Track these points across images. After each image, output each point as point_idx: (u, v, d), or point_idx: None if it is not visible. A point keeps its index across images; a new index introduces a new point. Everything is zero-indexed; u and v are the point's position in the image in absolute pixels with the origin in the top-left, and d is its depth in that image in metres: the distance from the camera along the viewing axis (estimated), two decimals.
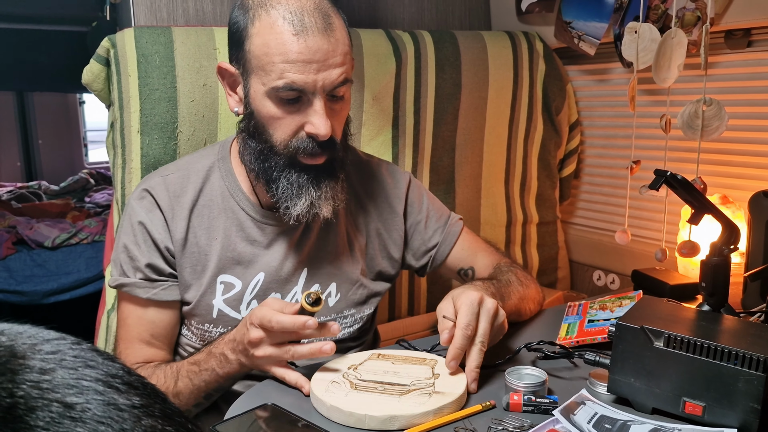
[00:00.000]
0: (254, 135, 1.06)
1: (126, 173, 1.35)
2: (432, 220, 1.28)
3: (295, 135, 1.02)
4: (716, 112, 1.17)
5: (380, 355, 1.03)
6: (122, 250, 1.13)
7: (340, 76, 1.00)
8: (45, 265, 2.79)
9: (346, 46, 1.02)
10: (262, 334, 0.95)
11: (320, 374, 0.96)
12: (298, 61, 0.97)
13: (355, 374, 0.95)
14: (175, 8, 1.54)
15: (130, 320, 1.13)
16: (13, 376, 0.35)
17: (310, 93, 0.99)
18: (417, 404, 0.87)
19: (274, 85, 0.99)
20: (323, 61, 0.98)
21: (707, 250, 1.21)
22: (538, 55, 1.79)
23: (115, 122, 1.37)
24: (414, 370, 0.96)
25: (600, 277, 1.86)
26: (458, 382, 0.93)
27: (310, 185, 1.04)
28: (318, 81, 0.98)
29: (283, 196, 1.05)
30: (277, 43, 0.98)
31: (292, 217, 1.05)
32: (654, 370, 0.85)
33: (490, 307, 0.96)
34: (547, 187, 1.85)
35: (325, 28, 0.98)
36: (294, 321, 0.92)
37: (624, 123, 1.77)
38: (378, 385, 0.92)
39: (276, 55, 0.98)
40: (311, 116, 1.00)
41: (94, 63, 1.36)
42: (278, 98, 1.00)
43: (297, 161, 1.04)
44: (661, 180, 0.94)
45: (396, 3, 1.84)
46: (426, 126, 1.64)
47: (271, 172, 1.05)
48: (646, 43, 1.26)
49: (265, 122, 1.03)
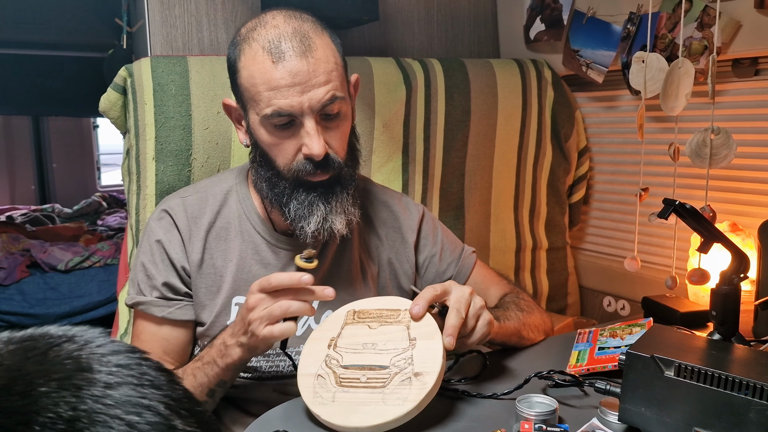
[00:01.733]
0: (262, 163, 1.09)
1: (141, 199, 1.37)
2: (446, 253, 1.29)
3: (295, 158, 1.05)
4: (724, 141, 1.18)
5: (355, 312, 1.00)
6: (140, 268, 1.15)
7: (326, 94, 1.01)
8: (58, 288, 2.82)
9: (330, 64, 1.03)
10: (260, 296, 0.95)
11: (305, 362, 0.95)
12: (281, 87, 1.00)
13: (337, 357, 0.94)
14: (190, 38, 1.58)
15: (144, 336, 1.15)
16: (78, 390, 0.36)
17: (299, 115, 1.02)
18: (400, 401, 0.87)
19: (264, 113, 1.02)
20: (305, 83, 1.00)
21: (717, 278, 1.21)
22: (547, 82, 1.81)
23: (131, 149, 1.39)
24: (390, 336, 0.95)
25: (610, 303, 1.86)
26: (434, 352, 0.91)
27: (319, 201, 1.06)
28: (304, 102, 1.00)
29: (296, 217, 1.07)
30: (260, 73, 1.01)
31: (308, 235, 1.06)
32: (665, 400, 0.85)
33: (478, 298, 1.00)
34: (557, 213, 1.86)
35: (303, 51, 1.01)
36: (290, 275, 0.94)
37: (632, 150, 1.78)
38: (360, 374, 0.92)
39: (261, 84, 1.01)
40: (304, 138, 1.02)
41: (111, 91, 1.39)
42: (271, 125, 1.03)
43: (303, 181, 1.06)
44: (670, 209, 0.94)
45: (406, 32, 1.87)
46: (436, 153, 1.66)
47: (282, 197, 1.08)
48: (653, 72, 1.28)
49: (267, 150, 1.07)
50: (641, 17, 1.57)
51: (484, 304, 1.01)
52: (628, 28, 1.60)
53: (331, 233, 1.08)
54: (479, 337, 0.99)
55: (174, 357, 1.15)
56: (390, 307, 0.99)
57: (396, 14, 1.84)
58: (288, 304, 0.94)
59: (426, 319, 0.96)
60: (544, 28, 1.82)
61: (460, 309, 0.96)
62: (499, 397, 1.00)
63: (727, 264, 1.16)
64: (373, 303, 1.01)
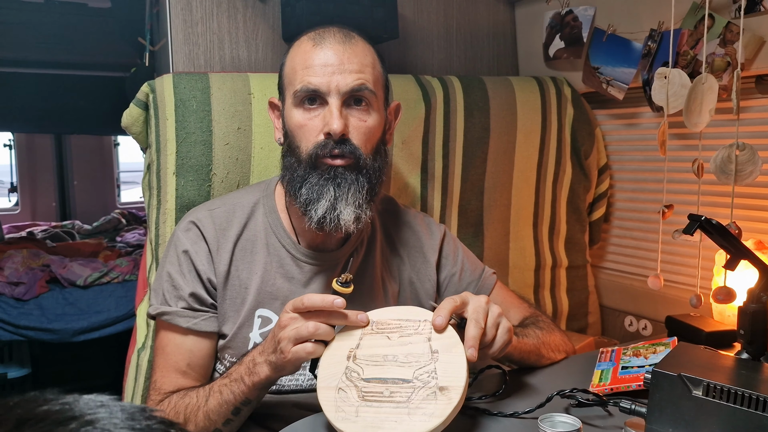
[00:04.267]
0: (288, 153, 1.12)
1: (161, 214, 1.38)
2: (466, 273, 1.29)
3: (315, 140, 1.07)
4: (749, 157, 1.16)
5: (374, 323, 0.98)
6: (166, 278, 1.15)
7: (356, 80, 1.06)
8: (76, 303, 2.83)
9: (366, 59, 1.09)
10: (293, 315, 0.95)
11: (324, 374, 0.93)
12: (315, 65, 1.06)
13: (357, 369, 0.93)
14: (212, 55, 1.60)
15: (169, 348, 1.14)
16: None
17: (326, 94, 1.06)
18: (426, 417, 0.85)
19: (295, 89, 1.07)
20: (338, 65, 1.06)
21: (744, 297, 1.19)
22: (566, 99, 1.80)
23: (152, 164, 1.40)
24: (411, 348, 0.93)
25: (632, 322, 1.82)
26: (458, 365, 0.90)
27: (330, 185, 1.06)
28: (332, 82, 1.05)
29: (306, 201, 1.07)
30: (300, 57, 1.08)
31: (315, 221, 1.06)
32: (693, 420, 0.83)
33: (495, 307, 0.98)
34: (577, 230, 1.84)
35: (343, 40, 1.08)
36: (324, 298, 0.93)
37: (654, 167, 1.76)
38: (383, 388, 0.90)
39: (298, 65, 1.08)
40: (327, 117, 1.05)
41: (133, 107, 1.40)
42: (301, 104, 1.08)
43: (318, 164, 1.07)
44: (695, 225, 0.93)
45: (425, 50, 1.88)
46: (454, 170, 1.65)
47: (296, 183, 1.09)
48: (676, 88, 1.26)
49: (294, 134, 1.09)
50: (662, 34, 1.56)
51: (501, 312, 0.99)
52: (648, 45, 1.60)
53: (337, 224, 1.06)
54: (500, 346, 0.97)
55: (197, 370, 1.15)
56: (408, 317, 0.98)
57: (416, 32, 1.85)
58: (316, 326, 0.93)
59: (447, 331, 0.94)
60: (563, 45, 1.81)
61: (479, 319, 0.95)
62: (521, 415, 0.98)
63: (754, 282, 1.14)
64: (391, 313, 1.00)
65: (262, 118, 1.43)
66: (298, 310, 0.94)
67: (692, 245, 1.62)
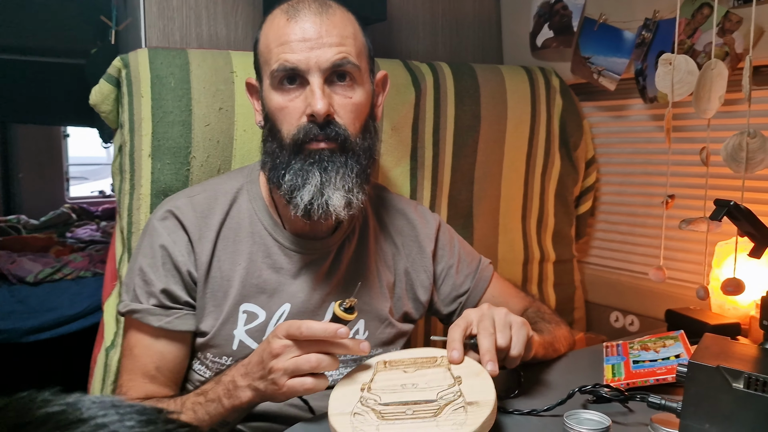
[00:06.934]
0: (269, 137, 1.03)
1: (134, 200, 1.27)
2: (463, 265, 1.22)
3: (298, 123, 0.98)
4: (761, 144, 1.13)
5: (386, 362, 0.92)
6: (138, 272, 1.05)
7: (336, 54, 0.97)
8: (26, 301, 2.64)
9: (346, 30, 1.00)
10: (286, 343, 0.84)
11: (336, 404, 0.84)
12: (291, 41, 0.97)
13: (374, 398, 0.84)
14: (188, 32, 1.49)
15: (137, 350, 1.04)
16: None
17: (306, 72, 0.97)
18: (457, 426, 0.77)
19: (272, 69, 0.98)
20: (316, 39, 0.97)
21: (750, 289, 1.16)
22: (555, 90, 1.76)
23: (124, 146, 1.29)
24: (432, 377, 0.86)
25: (618, 318, 1.79)
26: (484, 385, 0.83)
27: (315, 169, 0.97)
28: (311, 59, 0.96)
29: (290, 188, 0.98)
30: (274, 32, 0.99)
31: (301, 209, 0.98)
32: (732, 414, 0.78)
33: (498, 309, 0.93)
34: (564, 224, 1.79)
35: (319, 11, 0.99)
36: (326, 327, 0.83)
37: (642, 160, 1.73)
38: (406, 408, 0.81)
39: (273, 42, 0.99)
40: (309, 97, 0.96)
41: (104, 83, 1.29)
42: (279, 85, 0.99)
43: (302, 148, 0.98)
44: (723, 210, 0.88)
45: (410, 35, 1.81)
46: (445, 158, 1.58)
47: (279, 169, 1.00)
48: (682, 74, 1.23)
49: (274, 118, 1.00)
50: (658, 23, 1.53)
51: (507, 311, 0.93)
52: (643, 34, 1.56)
53: (326, 210, 0.97)
54: (521, 344, 0.91)
55: (167, 375, 1.05)
56: (422, 355, 0.92)
57: (401, 16, 1.77)
58: (318, 360, 0.84)
59: (466, 361, 0.88)
60: (552, 35, 1.77)
61: (488, 327, 0.89)
62: (540, 413, 0.91)
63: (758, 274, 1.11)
64: (405, 353, 0.94)
65: (246, 99, 1.32)
66: (293, 337, 0.84)
67: (682, 239, 1.60)
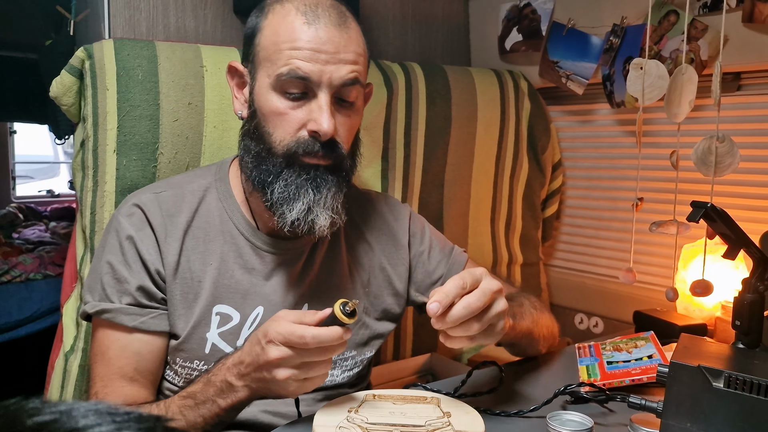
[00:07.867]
0: (254, 136, 0.98)
1: (98, 197, 1.21)
2: (435, 251, 1.21)
3: (297, 134, 0.94)
4: (729, 149, 1.16)
5: (375, 396, 0.91)
6: (107, 270, 0.99)
7: (350, 73, 0.93)
8: None
9: (360, 48, 0.96)
10: (285, 352, 0.80)
11: (322, 418, 0.83)
12: (306, 49, 0.91)
13: (361, 417, 0.83)
14: (155, 23, 1.44)
15: (112, 352, 0.98)
16: None
17: (316, 86, 0.92)
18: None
19: (280, 71, 0.92)
20: (333, 53, 0.92)
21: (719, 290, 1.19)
22: (523, 93, 1.77)
23: (87, 140, 1.23)
24: (421, 410, 0.85)
25: (582, 320, 1.82)
26: (475, 422, 0.82)
27: (309, 186, 0.94)
28: (325, 73, 0.91)
29: (278, 200, 0.95)
30: (287, 31, 0.93)
31: (287, 223, 0.94)
32: (712, 413, 0.79)
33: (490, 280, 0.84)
34: (531, 227, 1.81)
35: (340, 23, 0.94)
36: (332, 334, 0.79)
37: (607, 164, 1.76)
38: (393, 429, 0.80)
39: (284, 42, 0.93)
40: (315, 112, 0.92)
41: (65, 74, 1.23)
42: (282, 90, 0.93)
43: (296, 160, 0.94)
44: (700, 212, 0.90)
45: (381, 35, 1.79)
46: (416, 160, 1.57)
47: (267, 176, 0.96)
48: (652, 79, 1.25)
49: (267, 119, 0.95)
50: (626, 29, 1.56)
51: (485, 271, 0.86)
52: (611, 39, 1.59)
53: (311, 229, 0.95)
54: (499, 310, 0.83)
55: (146, 377, 1.00)
56: (414, 394, 0.91)
57: (372, 16, 1.76)
58: (326, 368, 0.83)
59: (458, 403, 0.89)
60: (521, 38, 1.79)
61: (463, 276, 0.81)
62: (526, 414, 0.91)
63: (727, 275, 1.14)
64: (394, 391, 0.93)
65: (216, 94, 1.30)
66: (293, 345, 0.79)
67: (647, 242, 1.63)
